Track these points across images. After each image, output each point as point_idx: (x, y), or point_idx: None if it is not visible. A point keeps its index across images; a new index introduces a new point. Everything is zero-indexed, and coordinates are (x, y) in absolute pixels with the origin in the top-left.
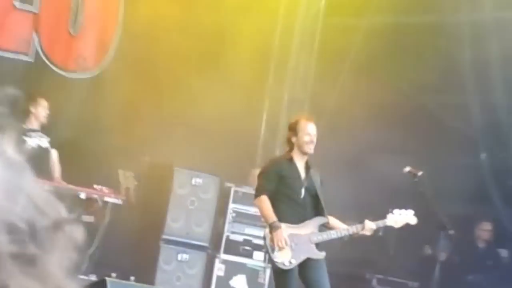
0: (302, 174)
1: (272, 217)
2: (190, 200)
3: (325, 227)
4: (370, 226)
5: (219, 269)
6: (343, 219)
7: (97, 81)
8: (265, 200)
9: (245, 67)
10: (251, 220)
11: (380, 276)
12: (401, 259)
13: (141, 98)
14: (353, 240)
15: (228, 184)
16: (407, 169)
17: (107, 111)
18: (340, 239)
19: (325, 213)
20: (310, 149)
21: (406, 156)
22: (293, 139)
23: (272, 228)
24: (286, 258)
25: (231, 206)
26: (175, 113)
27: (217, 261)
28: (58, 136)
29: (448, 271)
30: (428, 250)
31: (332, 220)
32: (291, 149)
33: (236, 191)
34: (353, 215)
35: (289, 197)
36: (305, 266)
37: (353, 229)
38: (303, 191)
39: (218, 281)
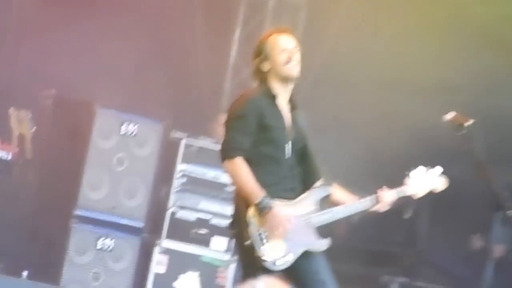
0: (287, 118)
1: (258, 191)
2: (118, 158)
3: (328, 202)
4: (386, 198)
5: (159, 263)
6: (351, 189)
7: None
8: (242, 164)
9: None
10: (210, 189)
11: (404, 280)
12: (435, 254)
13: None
14: (364, 222)
15: (177, 135)
16: (450, 115)
17: None
18: (347, 219)
19: (321, 177)
20: (292, 69)
21: (452, 96)
22: (265, 67)
23: (262, 208)
24: (278, 254)
25: (180, 167)
26: (99, 27)
27: (156, 250)
28: None
29: (507, 271)
30: (477, 242)
31: (337, 192)
32: (264, 82)
33: (188, 146)
34: (366, 183)
35: (272, 157)
36: (298, 258)
37: (365, 203)
38: (289, 146)
39: (157, 281)
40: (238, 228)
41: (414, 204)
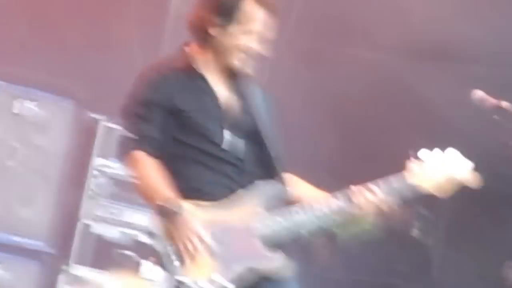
0: (222, 94)
1: (162, 191)
2: (9, 148)
3: (283, 201)
4: (361, 196)
5: None
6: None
7: None
8: (143, 159)
9: None
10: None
11: None
12: None
13: None
14: (357, 244)
15: (94, 116)
16: (478, 94)
17: None
18: (317, 226)
19: (281, 171)
20: (245, 65)
21: (473, 67)
22: (214, 31)
23: (167, 213)
24: (203, 275)
25: (98, 162)
26: None
27: (62, 280)
28: None
29: None
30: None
31: (299, 186)
32: (201, 47)
33: (108, 132)
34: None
35: (200, 150)
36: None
37: (337, 202)
38: (226, 133)
39: None
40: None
41: (425, 218)
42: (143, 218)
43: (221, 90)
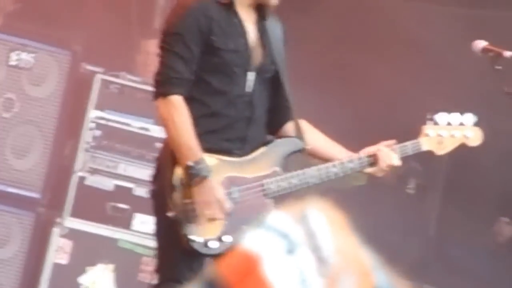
0: (252, 34)
1: (195, 148)
2: (6, 100)
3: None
4: (386, 156)
5: (60, 251)
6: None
7: None
8: (179, 105)
9: None
10: (134, 145)
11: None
12: (449, 247)
13: None
14: (349, 197)
15: (90, 68)
16: (480, 44)
17: None
18: (331, 182)
19: (291, 118)
20: None
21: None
22: None
23: (195, 175)
24: (212, 233)
25: (93, 114)
26: None
27: (56, 232)
28: None
29: None
30: (505, 228)
31: (314, 136)
32: None
33: (105, 84)
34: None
35: (220, 91)
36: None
37: (354, 164)
38: (253, 76)
39: (57, 275)
40: (160, 185)
41: (420, 172)
42: (138, 171)
43: (251, 30)
